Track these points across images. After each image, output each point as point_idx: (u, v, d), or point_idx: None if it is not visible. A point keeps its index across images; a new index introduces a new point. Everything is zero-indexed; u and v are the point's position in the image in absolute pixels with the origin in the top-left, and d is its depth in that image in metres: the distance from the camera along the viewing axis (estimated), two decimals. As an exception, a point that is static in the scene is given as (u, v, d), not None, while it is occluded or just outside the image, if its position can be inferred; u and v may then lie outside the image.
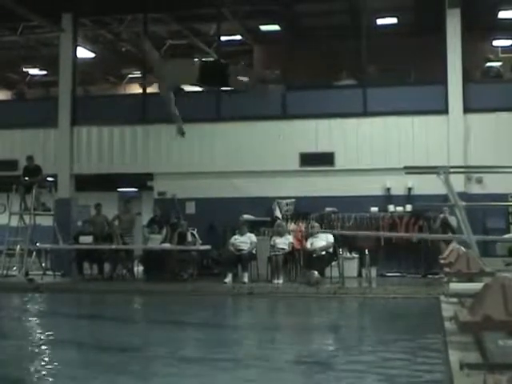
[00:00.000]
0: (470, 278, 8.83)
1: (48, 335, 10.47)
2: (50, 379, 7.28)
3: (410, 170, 12.88)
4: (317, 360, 8.37)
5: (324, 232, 16.58)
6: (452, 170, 9.81)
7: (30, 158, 18.58)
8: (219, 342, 9.49)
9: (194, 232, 17.74)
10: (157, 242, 17.75)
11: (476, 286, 6.22)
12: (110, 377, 7.34)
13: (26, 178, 18.28)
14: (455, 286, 7.33)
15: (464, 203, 9.53)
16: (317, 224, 16.98)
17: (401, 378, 7.28)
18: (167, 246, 17.49)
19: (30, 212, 18.08)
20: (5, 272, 17.71)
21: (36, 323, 12.27)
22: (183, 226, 17.66)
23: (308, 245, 16.49)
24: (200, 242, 17.47)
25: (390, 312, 13.07)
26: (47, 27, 20.63)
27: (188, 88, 22.44)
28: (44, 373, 7.50)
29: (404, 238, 17.20)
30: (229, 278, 16.08)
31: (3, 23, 20.59)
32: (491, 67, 19.17)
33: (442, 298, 11.20)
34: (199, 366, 7.94)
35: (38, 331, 11.26)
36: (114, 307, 14.38)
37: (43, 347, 9.41)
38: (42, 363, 8.04)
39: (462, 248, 10.36)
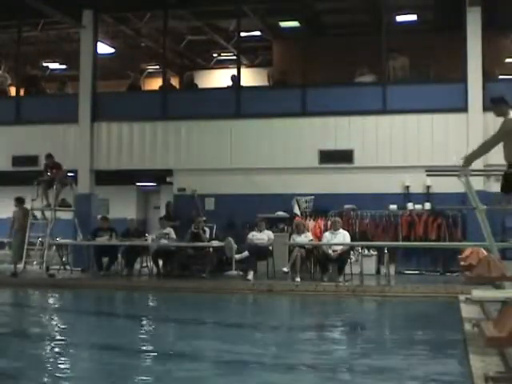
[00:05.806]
0: (491, 282, 8.87)
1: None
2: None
3: (432, 172, 12.87)
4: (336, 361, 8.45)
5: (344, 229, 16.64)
6: (473, 172, 9.84)
7: (49, 156, 18.59)
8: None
9: (207, 229, 17.70)
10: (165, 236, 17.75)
11: (499, 294, 6.27)
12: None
13: (48, 174, 18.37)
14: (479, 294, 7.36)
15: (485, 207, 9.53)
16: (338, 218, 16.99)
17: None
18: (174, 242, 17.55)
19: (51, 208, 18.19)
20: (25, 266, 17.83)
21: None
22: (199, 223, 17.57)
23: (324, 240, 16.53)
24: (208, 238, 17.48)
25: (409, 312, 13.11)
26: (68, 23, 20.73)
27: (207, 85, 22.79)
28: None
29: (422, 235, 17.26)
30: (251, 275, 16.08)
31: (24, 19, 20.67)
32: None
33: (461, 297, 11.25)
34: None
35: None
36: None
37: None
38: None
39: (483, 250, 10.39)
